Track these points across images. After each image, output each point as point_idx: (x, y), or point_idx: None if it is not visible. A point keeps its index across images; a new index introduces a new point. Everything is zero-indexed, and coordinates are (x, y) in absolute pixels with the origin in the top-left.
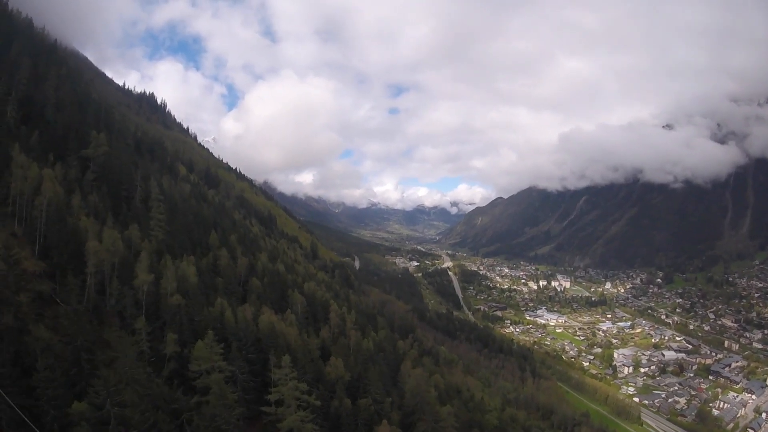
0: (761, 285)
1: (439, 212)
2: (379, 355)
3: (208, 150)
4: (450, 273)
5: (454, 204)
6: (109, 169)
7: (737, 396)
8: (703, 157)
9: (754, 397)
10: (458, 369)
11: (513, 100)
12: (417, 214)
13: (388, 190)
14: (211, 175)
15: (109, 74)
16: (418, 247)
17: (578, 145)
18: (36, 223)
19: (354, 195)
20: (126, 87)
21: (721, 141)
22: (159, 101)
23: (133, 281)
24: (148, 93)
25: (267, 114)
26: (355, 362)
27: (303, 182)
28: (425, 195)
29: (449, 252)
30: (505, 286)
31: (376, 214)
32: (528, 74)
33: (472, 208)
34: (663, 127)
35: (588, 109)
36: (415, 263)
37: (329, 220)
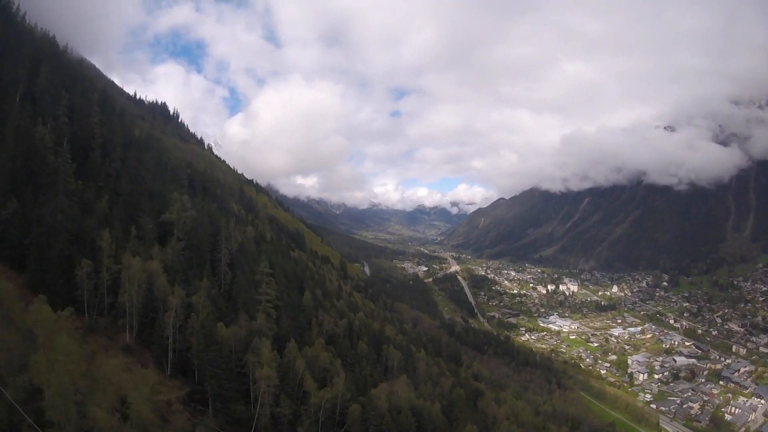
0: (765, 288)
1: (440, 212)
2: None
3: (225, 162)
4: (459, 278)
5: (455, 204)
6: (195, 235)
7: (747, 401)
8: (705, 159)
9: (763, 401)
10: (507, 393)
11: (514, 102)
12: (417, 215)
13: (389, 190)
14: (245, 199)
15: (114, 80)
16: (422, 249)
17: (580, 146)
18: (157, 333)
19: (355, 196)
20: (137, 97)
21: (723, 143)
22: (171, 111)
23: (309, 400)
24: (159, 102)
25: (274, 119)
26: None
27: (305, 184)
28: (425, 195)
29: (453, 254)
30: (515, 291)
31: (376, 215)
32: (530, 78)
33: (472, 207)
34: (665, 128)
35: (589, 111)
36: (424, 268)
37: (331, 221)
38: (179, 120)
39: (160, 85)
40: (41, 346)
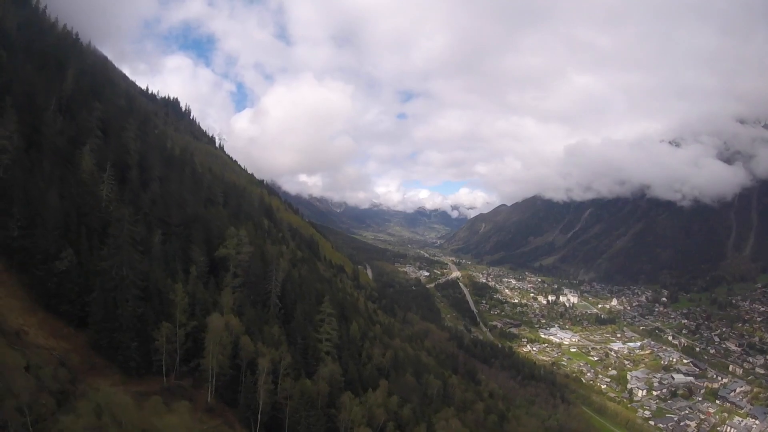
0: (763, 309)
1: (440, 215)
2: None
3: (237, 162)
4: (460, 284)
5: (455, 207)
6: (252, 271)
7: (742, 421)
8: (710, 176)
9: (757, 422)
10: (521, 412)
11: (521, 110)
12: (418, 217)
13: (390, 191)
14: (266, 208)
15: (125, 71)
16: (422, 253)
17: (584, 157)
18: (243, 393)
19: (357, 196)
20: (149, 92)
21: (728, 161)
22: (183, 107)
23: None
24: (171, 98)
25: (284, 116)
26: None
27: (308, 182)
28: (426, 197)
29: (453, 259)
30: (516, 300)
31: (377, 215)
32: (538, 87)
33: (473, 212)
34: (670, 143)
35: (595, 122)
36: (425, 273)
37: (331, 220)
38: (191, 117)
39: (168, 76)
40: None
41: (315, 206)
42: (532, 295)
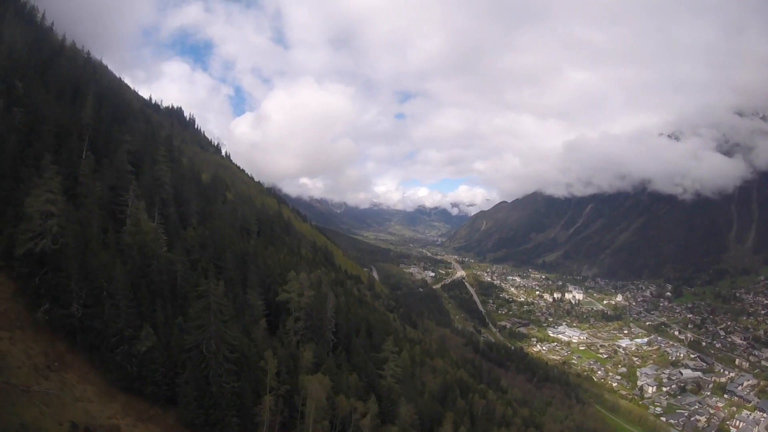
0: (767, 302)
1: (440, 213)
2: None
3: (244, 171)
4: (466, 284)
5: (455, 205)
6: (313, 313)
7: (750, 414)
8: (710, 168)
9: (765, 415)
10: (546, 418)
11: (518, 107)
12: (418, 215)
13: (390, 190)
14: (284, 223)
15: (125, 80)
16: (425, 252)
17: (583, 152)
18: None
19: (357, 196)
20: (153, 101)
21: (728, 153)
22: (187, 116)
23: None
24: (175, 107)
25: (284, 120)
26: None
27: (308, 184)
28: (426, 196)
29: (456, 258)
30: (522, 299)
31: (377, 215)
32: (535, 84)
33: (472, 209)
34: (668, 136)
35: (592, 118)
36: (431, 273)
37: (332, 221)
38: (195, 126)
39: (166, 82)
40: None
41: (315, 208)
42: (537, 292)
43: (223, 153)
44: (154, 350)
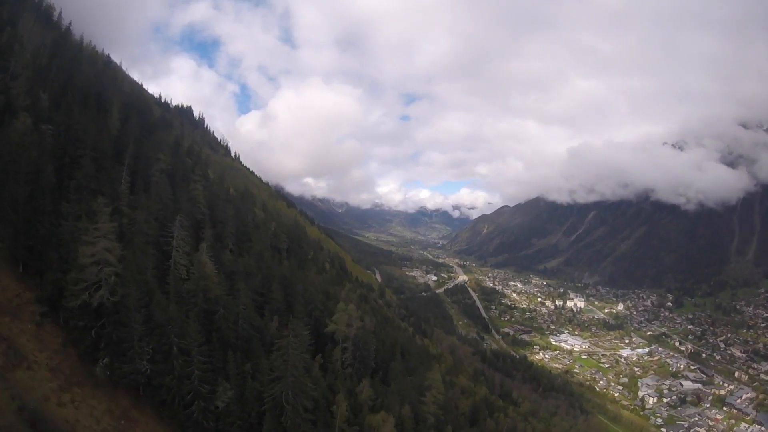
0: (767, 315)
1: (441, 215)
2: None
3: (254, 173)
4: (469, 289)
5: (456, 207)
6: (361, 344)
7: (749, 427)
8: (714, 180)
9: (763, 429)
10: (558, 430)
11: (523, 113)
12: (419, 217)
13: (392, 191)
14: (300, 233)
15: (134, 76)
16: (426, 254)
17: (587, 159)
18: None
19: (359, 197)
20: (163, 100)
21: (731, 164)
22: (196, 115)
23: None
24: (184, 105)
25: (291, 120)
26: None
27: (311, 184)
28: (427, 197)
29: (458, 261)
30: (524, 305)
31: (378, 216)
32: (540, 90)
33: (474, 212)
34: (672, 146)
35: (597, 125)
36: (433, 277)
37: (334, 221)
38: (205, 125)
39: (172, 77)
40: None
41: (317, 207)
42: (539, 299)
43: (233, 155)
44: (231, 404)
